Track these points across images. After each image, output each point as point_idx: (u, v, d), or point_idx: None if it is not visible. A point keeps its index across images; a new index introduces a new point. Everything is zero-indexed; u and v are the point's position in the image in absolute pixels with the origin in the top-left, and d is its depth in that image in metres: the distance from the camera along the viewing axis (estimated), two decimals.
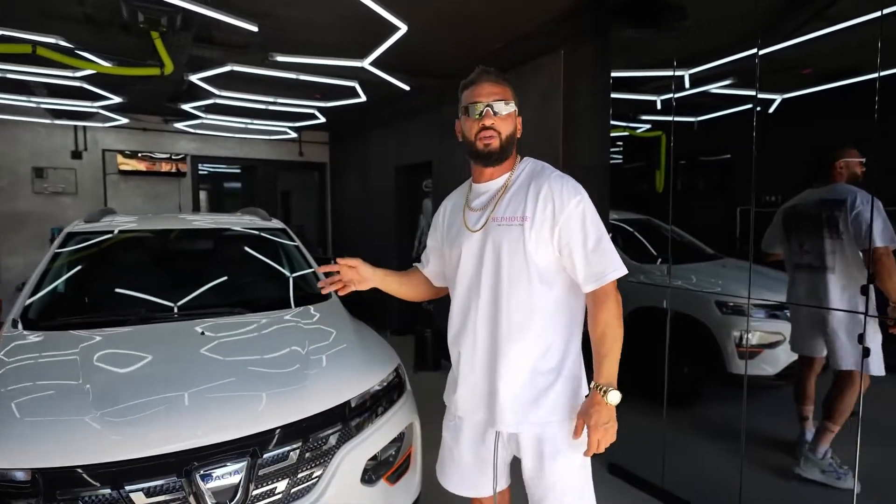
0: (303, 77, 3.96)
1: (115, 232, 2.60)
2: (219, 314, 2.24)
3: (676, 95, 2.93)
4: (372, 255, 1.47)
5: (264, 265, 2.76)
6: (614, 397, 1.17)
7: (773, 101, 2.80)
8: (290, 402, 1.67)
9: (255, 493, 1.49)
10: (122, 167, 6.26)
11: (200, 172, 7.21)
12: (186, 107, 5.04)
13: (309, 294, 2.67)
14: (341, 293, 1.40)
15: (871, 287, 2.12)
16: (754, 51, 2.30)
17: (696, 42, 3.44)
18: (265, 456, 1.53)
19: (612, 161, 3.19)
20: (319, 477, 1.62)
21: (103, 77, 4.11)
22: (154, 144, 6.51)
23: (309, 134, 7.51)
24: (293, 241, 3.02)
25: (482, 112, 1.27)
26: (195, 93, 4.69)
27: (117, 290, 2.35)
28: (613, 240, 1.31)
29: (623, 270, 1.26)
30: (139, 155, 6.37)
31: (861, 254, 2.24)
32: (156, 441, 1.41)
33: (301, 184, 8.69)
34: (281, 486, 1.54)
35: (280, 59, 3.48)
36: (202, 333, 2.02)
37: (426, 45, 3.61)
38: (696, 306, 3.28)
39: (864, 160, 2.08)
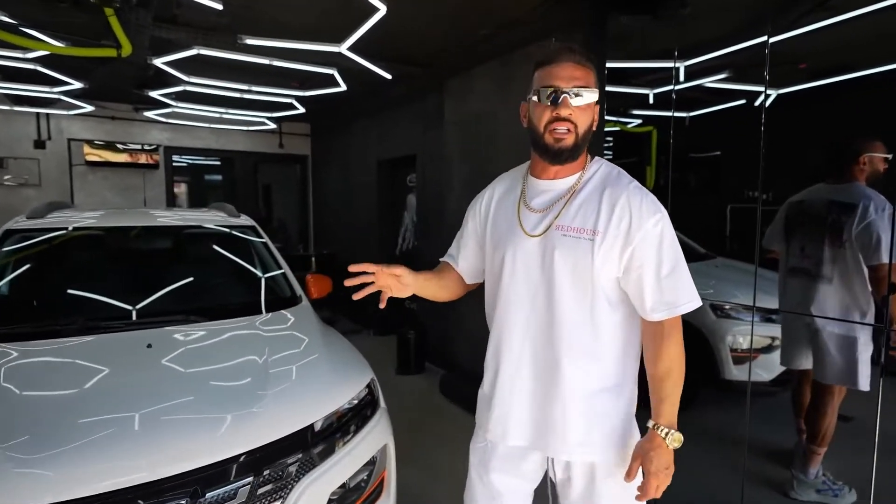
0: (277, 63, 3.70)
1: (67, 229, 2.33)
2: (172, 323, 2.01)
3: (677, 88, 2.73)
4: (353, 252, 1.23)
5: (228, 267, 2.52)
6: (676, 441, 1.08)
7: (769, 95, 2.60)
8: (240, 428, 1.45)
9: None
10: (89, 158, 5.92)
11: (175, 164, 6.89)
12: (155, 94, 4.74)
13: (277, 298, 2.44)
14: (381, 305, 1.16)
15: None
16: (764, 38, 2.11)
17: (695, 32, 3.25)
18: (208, 495, 1.31)
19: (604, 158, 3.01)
20: None
21: (59, 59, 3.81)
22: (124, 134, 6.18)
23: (290, 125, 7.21)
24: (261, 238, 2.78)
25: (559, 99, 1.08)
26: (164, 79, 4.40)
27: (57, 295, 2.10)
28: None
29: (698, 302, 1.11)
30: (116, 145, 6.04)
31: (866, 269, 2.07)
32: (64, 484, 1.19)
33: (283, 177, 8.40)
34: None
35: (250, 42, 3.23)
36: (149, 346, 1.79)
37: (407, 29, 3.38)
38: None
39: (889, 156, 1.90)
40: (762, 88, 2.01)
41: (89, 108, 5.59)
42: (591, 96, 1.09)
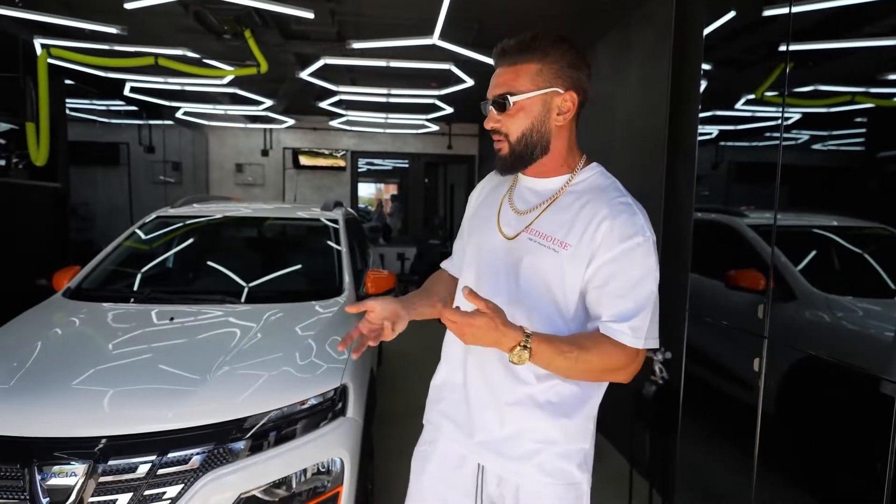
0: (394, 64, 3.83)
1: (197, 218, 2.88)
2: (211, 301, 2.25)
3: None
4: None
5: (286, 256, 2.72)
6: (522, 357, 0.87)
7: None
8: (162, 406, 1.52)
9: (91, 500, 1.39)
10: (300, 163, 7.25)
11: (364, 169, 7.90)
12: (323, 104, 5.48)
13: (322, 289, 2.51)
14: (383, 337, 1.04)
15: None
16: None
17: None
18: (110, 463, 1.41)
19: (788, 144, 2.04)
20: (173, 501, 1.43)
21: (248, 83, 4.73)
22: (322, 142, 7.36)
23: (460, 126, 7.47)
24: (336, 234, 2.91)
25: (486, 110, 1.04)
26: (326, 91, 5.05)
27: (150, 270, 2.59)
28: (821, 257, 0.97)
29: (655, 343, 0.98)
30: (314, 152, 7.29)
31: None
32: (9, 422, 1.43)
33: (458, 177, 8.78)
34: (123, 499, 1.40)
35: (356, 45, 3.41)
36: (171, 319, 2.04)
37: (514, 5, 3.07)
38: None
39: None
40: None
41: (293, 122, 6.82)
42: (520, 97, 0.98)
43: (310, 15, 2.92)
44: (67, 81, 4.24)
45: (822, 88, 1.94)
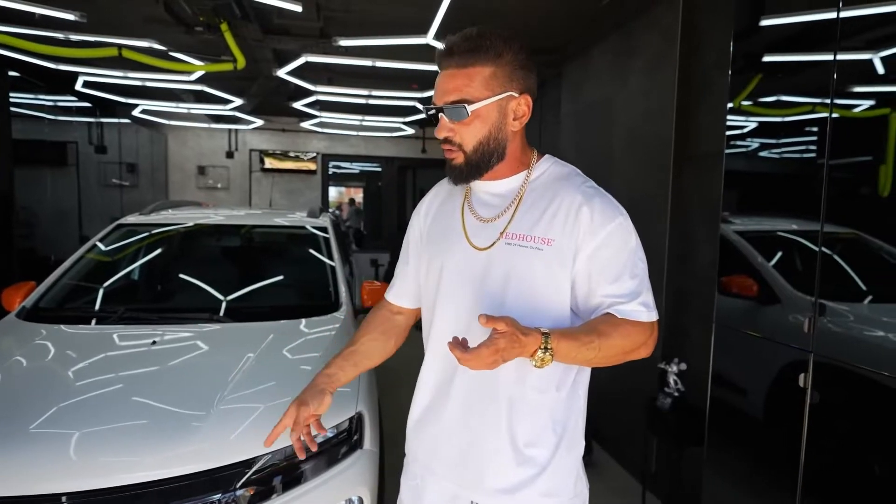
0: (380, 64, 3.67)
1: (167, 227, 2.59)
2: (196, 321, 2.01)
3: None
4: None
5: (272, 268, 2.50)
6: (545, 360, 0.83)
7: None
8: (157, 451, 1.30)
9: None
10: (265, 165, 6.90)
11: (339, 172, 7.64)
12: (297, 105, 5.23)
13: (317, 304, 2.31)
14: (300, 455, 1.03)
15: None
16: None
17: None
18: None
19: (805, 155, 2.00)
20: None
21: (218, 80, 4.43)
22: (291, 144, 7.05)
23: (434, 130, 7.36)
24: (327, 243, 2.70)
25: (436, 118, 0.96)
26: (301, 90, 4.80)
27: (121, 286, 2.32)
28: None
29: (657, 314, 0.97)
30: (283, 154, 6.97)
31: None
32: None
33: (433, 182, 8.67)
34: None
35: (343, 43, 3.23)
36: (153, 343, 1.80)
37: (513, 8, 2.97)
38: None
39: None
40: None
41: (261, 122, 6.50)
42: (475, 106, 0.91)
43: (297, 8, 2.72)
44: (12, 73, 3.81)
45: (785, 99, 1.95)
